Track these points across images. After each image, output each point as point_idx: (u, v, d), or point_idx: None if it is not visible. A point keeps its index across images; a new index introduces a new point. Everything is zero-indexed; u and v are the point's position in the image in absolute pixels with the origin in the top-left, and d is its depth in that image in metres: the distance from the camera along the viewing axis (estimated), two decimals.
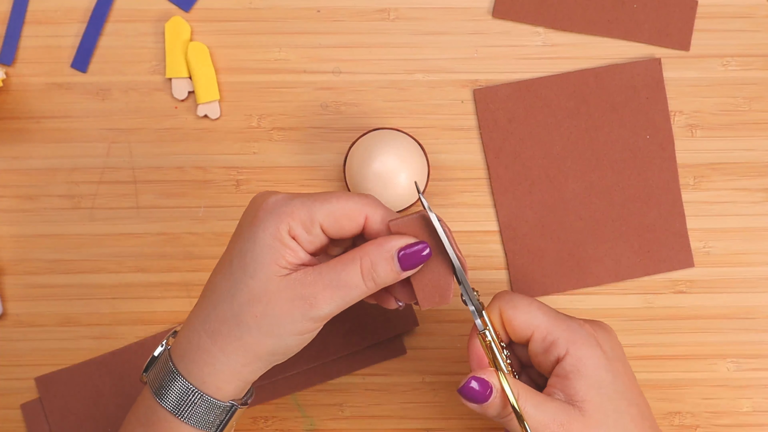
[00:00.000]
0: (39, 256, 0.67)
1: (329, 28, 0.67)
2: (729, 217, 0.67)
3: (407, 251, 0.50)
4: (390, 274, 0.50)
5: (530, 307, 0.52)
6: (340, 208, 0.50)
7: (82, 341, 0.67)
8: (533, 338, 0.52)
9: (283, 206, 0.49)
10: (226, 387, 0.50)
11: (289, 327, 0.49)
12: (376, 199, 0.51)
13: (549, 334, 0.52)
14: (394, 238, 0.50)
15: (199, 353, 0.50)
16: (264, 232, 0.49)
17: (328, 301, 0.49)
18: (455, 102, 0.67)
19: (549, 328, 0.52)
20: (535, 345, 0.52)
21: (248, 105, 0.67)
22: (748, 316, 0.67)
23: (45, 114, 0.67)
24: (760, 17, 0.67)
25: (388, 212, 0.51)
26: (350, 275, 0.49)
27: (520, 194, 0.67)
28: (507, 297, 0.53)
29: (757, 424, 0.67)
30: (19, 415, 0.67)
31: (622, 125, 0.67)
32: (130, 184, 0.67)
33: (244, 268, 0.49)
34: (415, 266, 0.50)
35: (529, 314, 0.52)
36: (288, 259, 0.49)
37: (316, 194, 0.50)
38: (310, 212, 0.49)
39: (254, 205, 0.51)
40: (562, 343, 0.51)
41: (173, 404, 0.50)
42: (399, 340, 0.67)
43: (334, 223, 0.50)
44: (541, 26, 0.67)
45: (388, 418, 0.67)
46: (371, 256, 0.49)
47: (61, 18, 0.67)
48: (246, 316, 0.49)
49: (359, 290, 0.49)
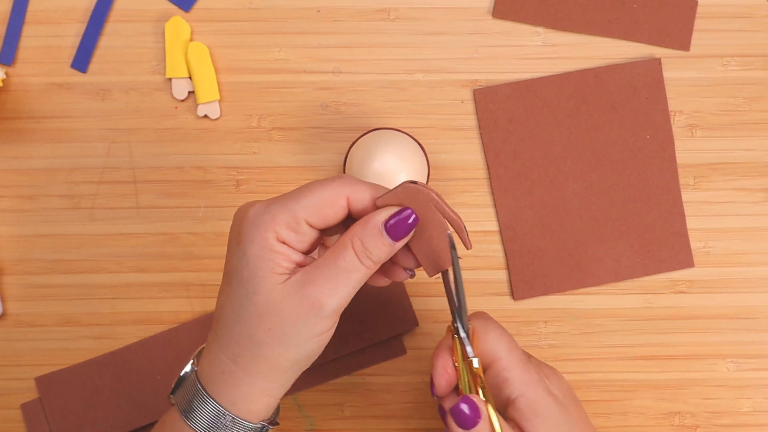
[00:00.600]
0: (39, 256, 0.67)
1: (329, 28, 0.67)
2: (729, 217, 0.67)
3: (393, 221, 0.49)
4: (383, 248, 0.49)
5: (500, 338, 0.53)
6: (319, 198, 0.49)
7: (82, 341, 0.67)
8: (491, 369, 0.53)
9: (264, 215, 0.49)
10: (256, 407, 0.50)
11: (304, 331, 0.49)
12: (353, 177, 0.51)
13: (505, 370, 0.52)
14: (377, 212, 0.49)
15: (224, 377, 0.50)
16: (252, 245, 0.48)
17: (334, 292, 0.48)
18: (455, 102, 0.67)
19: (507, 364, 0.52)
20: (491, 376, 0.53)
21: (248, 105, 0.67)
22: (748, 316, 0.67)
23: (45, 114, 0.67)
24: (760, 17, 0.67)
25: (368, 186, 0.50)
26: (346, 260, 0.49)
27: (520, 194, 0.67)
28: (483, 320, 0.54)
29: (757, 424, 0.67)
30: (19, 415, 0.67)
31: (622, 125, 0.67)
32: (130, 184, 0.67)
33: (245, 286, 0.49)
34: (406, 234, 0.50)
35: (496, 344, 0.53)
36: (283, 265, 0.49)
37: (292, 192, 0.50)
38: (292, 212, 0.49)
39: (237, 221, 0.51)
40: (517, 384, 0.52)
41: (203, 427, 0.50)
42: (399, 340, 0.67)
43: (318, 215, 0.49)
44: (541, 26, 0.67)
45: (388, 418, 0.67)
46: (360, 236, 0.49)
47: (61, 18, 0.67)
48: (259, 332, 0.49)
49: (359, 273, 0.49)
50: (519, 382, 0.52)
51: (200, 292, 0.67)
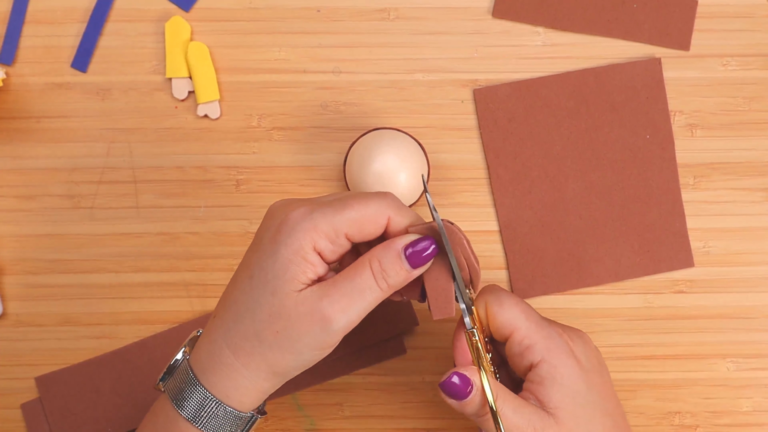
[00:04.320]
0: (39, 255, 0.67)
1: (329, 28, 0.67)
2: (729, 216, 0.67)
3: (414, 248, 0.49)
4: (400, 273, 0.50)
5: (515, 307, 0.53)
6: (363, 214, 0.49)
7: (82, 341, 0.67)
8: (511, 339, 0.52)
9: (306, 221, 0.49)
10: (248, 400, 0.51)
11: (309, 342, 0.49)
12: (396, 197, 0.51)
13: (526, 338, 0.52)
14: (400, 237, 0.50)
15: (221, 367, 0.50)
16: (287, 249, 0.49)
17: (345, 310, 0.49)
18: (455, 102, 0.67)
19: (527, 332, 0.52)
20: (512, 346, 0.53)
21: (248, 105, 0.67)
22: (748, 316, 0.67)
23: (45, 114, 0.67)
24: (760, 17, 0.67)
25: (409, 213, 0.51)
26: (363, 279, 0.49)
27: (520, 194, 0.67)
28: (494, 293, 0.53)
29: (757, 424, 0.67)
30: (19, 415, 0.67)
31: (622, 125, 0.67)
32: (130, 184, 0.67)
33: (265, 285, 0.49)
34: (424, 263, 0.50)
35: (512, 314, 0.52)
36: (309, 276, 0.49)
37: (335, 202, 0.50)
38: (333, 224, 0.49)
39: (274, 218, 0.50)
40: (538, 349, 0.52)
41: (193, 414, 0.50)
42: (399, 340, 0.67)
43: (359, 230, 0.49)
44: (541, 26, 0.67)
45: (388, 418, 0.67)
46: (379, 258, 0.49)
47: (61, 18, 0.67)
48: (267, 333, 0.49)
49: (374, 294, 0.50)
50: (540, 347, 0.51)
51: (200, 292, 0.67)
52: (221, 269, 0.67)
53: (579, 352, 0.52)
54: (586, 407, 0.51)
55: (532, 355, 0.52)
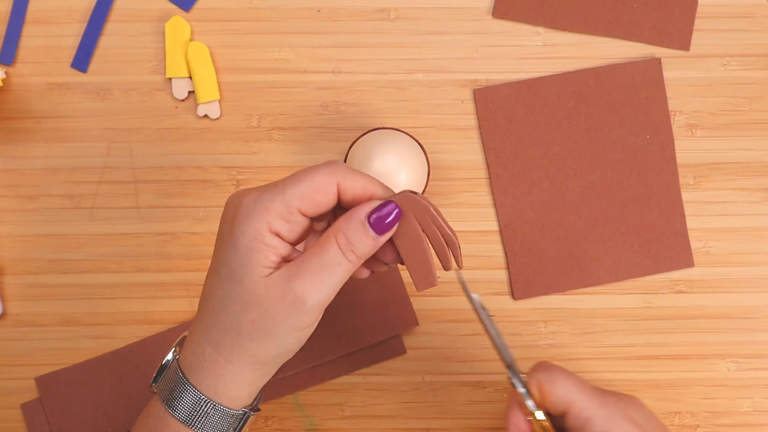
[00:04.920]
0: (39, 256, 0.67)
1: (329, 28, 0.67)
2: (729, 217, 0.67)
3: (377, 215, 0.49)
4: (367, 241, 0.49)
5: (567, 382, 0.53)
6: (310, 185, 0.49)
7: (82, 341, 0.67)
8: (569, 414, 0.52)
9: (257, 205, 0.49)
10: (238, 395, 0.51)
11: (286, 326, 0.49)
12: (343, 164, 0.51)
13: (584, 410, 0.52)
14: (361, 206, 0.49)
15: (206, 365, 0.50)
16: (244, 237, 0.48)
17: (316, 287, 0.48)
18: (455, 102, 0.67)
19: (584, 405, 0.52)
20: (571, 420, 0.53)
21: (248, 105, 0.67)
22: (748, 316, 0.67)
23: (45, 114, 0.67)
24: (760, 17, 0.67)
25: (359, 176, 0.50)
26: (330, 255, 0.49)
27: (520, 194, 0.67)
28: (546, 370, 0.53)
29: (757, 424, 0.67)
30: (19, 415, 0.67)
31: (622, 125, 0.67)
32: (130, 184, 0.67)
33: (231, 276, 0.49)
34: (389, 228, 0.49)
35: (566, 390, 0.52)
36: (271, 258, 0.49)
37: (283, 180, 0.50)
38: (284, 201, 0.49)
39: (229, 209, 0.50)
40: (598, 421, 0.51)
41: (185, 415, 0.50)
42: (399, 340, 0.67)
43: (310, 203, 0.49)
44: (541, 26, 0.67)
45: (388, 418, 0.67)
46: (344, 230, 0.49)
47: (61, 18, 0.67)
48: (243, 323, 0.49)
49: (343, 267, 0.49)
50: (600, 418, 0.51)
51: (200, 292, 0.67)
52: None
53: (638, 417, 0.52)
54: None
55: (592, 427, 0.52)
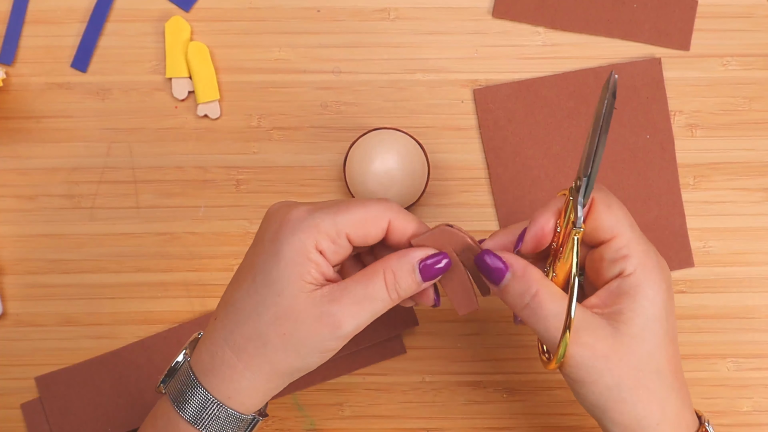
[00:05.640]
0: (39, 256, 0.67)
1: (329, 28, 0.67)
2: (729, 216, 0.67)
3: (427, 262, 0.50)
4: (412, 285, 0.50)
5: (620, 212, 0.51)
6: (364, 215, 0.50)
7: (82, 341, 0.67)
8: (609, 244, 0.50)
9: (308, 220, 0.49)
10: (250, 401, 0.51)
11: (315, 345, 0.49)
12: (396, 204, 0.52)
13: (625, 247, 0.50)
14: (414, 250, 0.51)
15: (223, 368, 0.50)
16: (290, 248, 0.49)
17: (355, 316, 0.49)
18: (455, 102, 0.67)
19: (628, 242, 0.50)
20: (608, 251, 0.50)
21: (248, 105, 0.67)
22: (748, 316, 0.67)
23: (45, 114, 0.67)
24: (760, 17, 0.67)
25: (411, 218, 0.51)
26: (375, 288, 0.50)
27: (519, 194, 0.67)
28: (604, 192, 0.51)
29: (757, 424, 0.67)
30: (19, 415, 0.67)
31: (622, 125, 0.67)
32: (130, 184, 0.67)
33: (270, 286, 0.49)
34: (436, 277, 0.51)
35: (617, 220, 0.50)
36: (314, 275, 0.49)
37: (337, 203, 0.50)
38: (335, 223, 0.49)
39: (274, 218, 0.51)
40: (634, 262, 0.50)
41: (194, 416, 0.50)
42: (399, 340, 0.67)
43: (360, 231, 0.50)
44: (541, 26, 0.67)
45: (388, 418, 0.67)
46: (394, 268, 0.50)
47: (61, 18, 0.67)
48: (273, 335, 0.49)
49: (384, 303, 0.50)
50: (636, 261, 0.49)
51: (200, 292, 0.67)
52: (221, 269, 0.67)
53: (668, 279, 0.51)
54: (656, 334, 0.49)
55: (626, 264, 0.50)
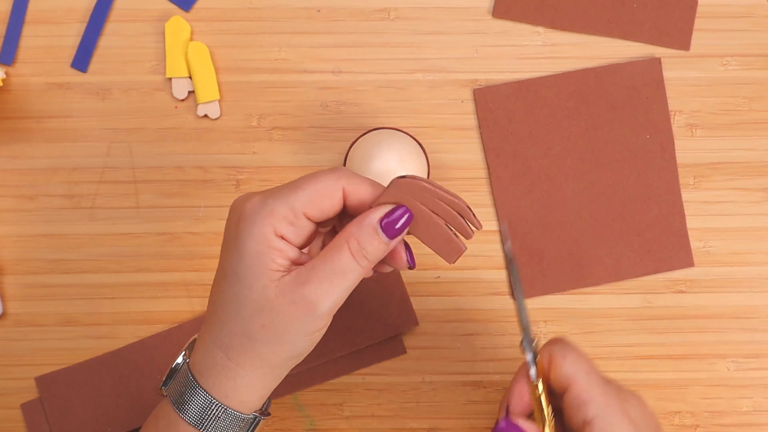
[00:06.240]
0: (39, 256, 0.67)
1: (329, 28, 0.67)
2: (729, 216, 0.67)
3: (388, 219, 0.49)
4: (379, 246, 0.49)
5: (577, 360, 0.53)
6: (316, 189, 0.49)
7: (82, 341, 0.67)
8: (569, 391, 0.52)
9: (262, 209, 0.49)
10: (249, 399, 0.51)
11: (297, 330, 0.49)
12: (348, 169, 0.51)
13: (584, 392, 0.52)
14: (372, 211, 0.49)
15: (216, 369, 0.50)
16: (250, 241, 0.48)
17: (328, 293, 0.49)
18: (455, 102, 0.67)
19: (586, 387, 0.52)
20: (569, 398, 0.52)
21: (248, 105, 0.67)
22: (748, 316, 0.67)
23: (45, 114, 0.67)
24: (760, 17, 0.67)
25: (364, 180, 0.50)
26: (342, 261, 0.49)
27: (519, 194, 0.67)
28: (561, 344, 0.53)
29: (757, 424, 0.67)
30: (19, 415, 0.67)
31: (622, 125, 0.67)
32: (130, 184, 0.67)
33: (240, 281, 0.49)
34: (401, 231, 0.49)
35: (574, 368, 0.52)
36: (279, 262, 0.49)
37: (288, 185, 0.50)
38: (289, 205, 0.49)
39: (234, 214, 0.50)
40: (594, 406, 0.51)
41: (195, 418, 0.50)
42: (399, 340, 0.67)
43: (316, 207, 0.49)
44: (541, 26, 0.67)
45: (388, 418, 0.67)
46: (356, 236, 0.49)
47: (61, 18, 0.67)
48: (253, 328, 0.49)
49: (355, 273, 0.49)
50: (597, 404, 0.51)
51: (200, 292, 0.67)
52: None
53: (634, 414, 0.52)
54: None
55: (587, 410, 0.52)
